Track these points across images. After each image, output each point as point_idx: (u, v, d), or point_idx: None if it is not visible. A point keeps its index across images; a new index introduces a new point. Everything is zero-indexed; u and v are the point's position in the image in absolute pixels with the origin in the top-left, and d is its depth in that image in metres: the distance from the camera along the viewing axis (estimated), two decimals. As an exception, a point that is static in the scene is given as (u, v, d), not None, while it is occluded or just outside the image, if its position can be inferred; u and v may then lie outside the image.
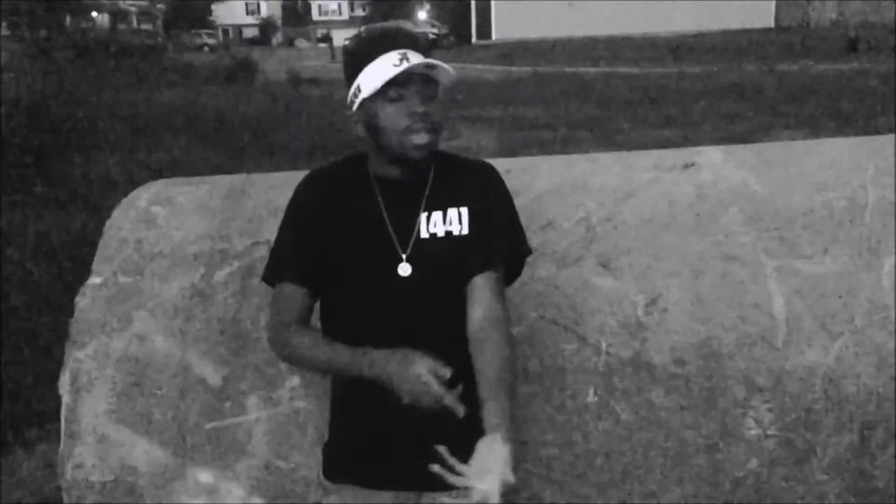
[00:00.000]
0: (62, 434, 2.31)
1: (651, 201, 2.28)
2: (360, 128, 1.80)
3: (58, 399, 2.34)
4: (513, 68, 24.68)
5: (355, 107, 1.79)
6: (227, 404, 2.25)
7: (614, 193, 2.32)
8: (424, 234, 1.78)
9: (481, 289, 1.77)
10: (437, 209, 1.80)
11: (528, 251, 1.89)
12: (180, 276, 2.36)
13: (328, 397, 1.94)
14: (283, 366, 2.24)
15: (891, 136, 2.49)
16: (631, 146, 9.83)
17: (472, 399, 1.67)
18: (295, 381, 2.23)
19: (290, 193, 2.49)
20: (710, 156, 2.41)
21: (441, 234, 1.78)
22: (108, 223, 2.53)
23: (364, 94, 1.75)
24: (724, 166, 2.35)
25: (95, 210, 6.55)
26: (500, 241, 1.83)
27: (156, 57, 22.78)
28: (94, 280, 2.41)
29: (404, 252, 1.77)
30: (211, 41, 45.74)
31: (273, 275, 1.87)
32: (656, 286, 2.15)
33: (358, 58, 1.76)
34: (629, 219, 2.25)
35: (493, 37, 40.00)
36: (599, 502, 2.13)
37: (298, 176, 2.63)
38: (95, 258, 2.45)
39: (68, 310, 2.42)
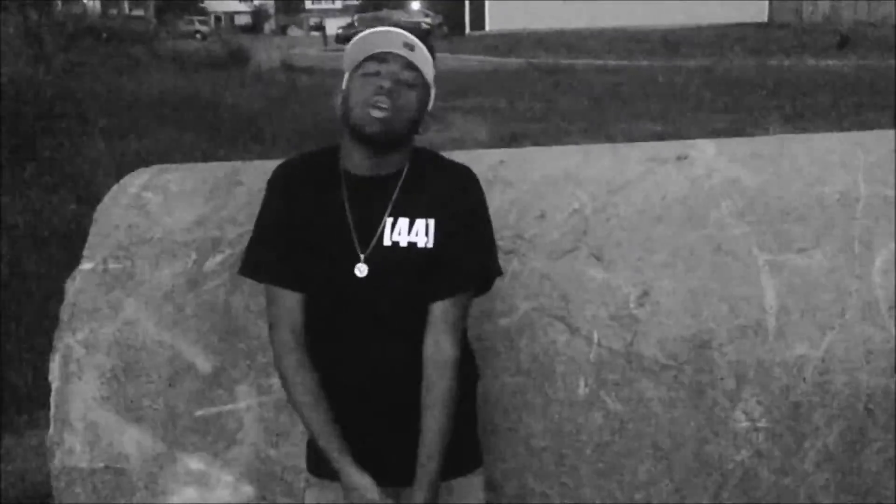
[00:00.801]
0: (51, 420, 2.31)
1: (644, 193, 2.28)
2: (340, 104, 1.77)
3: (48, 385, 2.34)
4: (506, 59, 24.64)
5: (344, 84, 1.77)
6: (218, 392, 2.24)
7: (607, 185, 2.32)
8: (387, 241, 1.73)
9: (437, 321, 1.73)
10: (403, 216, 1.74)
11: (498, 272, 1.84)
12: (171, 263, 2.35)
13: None
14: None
15: (882, 132, 2.50)
16: (624, 139, 9.84)
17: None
18: (286, 369, 2.22)
19: (282, 181, 2.49)
20: (704, 149, 2.42)
21: (404, 243, 1.73)
22: (98, 209, 2.52)
23: (346, 67, 1.75)
24: (717, 159, 2.35)
25: (86, 196, 6.53)
26: (467, 264, 1.77)
27: (147, 43, 22.66)
28: (85, 266, 2.40)
29: (363, 252, 1.73)
30: (203, 28, 45.53)
31: (254, 272, 1.83)
32: (648, 278, 2.15)
33: (361, 41, 1.74)
34: (622, 211, 2.25)
35: (487, 28, 39.95)
36: (589, 493, 2.13)
37: (291, 164, 2.63)
38: (86, 244, 2.44)
39: (58, 295, 2.41)
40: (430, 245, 1.73)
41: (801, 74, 17.72)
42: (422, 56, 1.72)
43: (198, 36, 37.98)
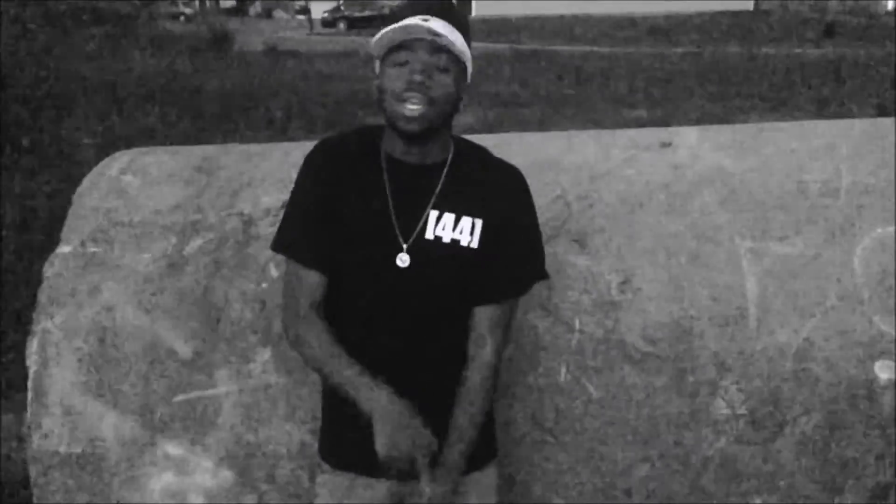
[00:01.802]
0: (29, 405, 2.29)
1: (627, 180, 2.28)
2: (375, 90, 1.71)
3: (25, 369, 2.32)
4: (492, 45, 24.60)
5: (377, 69, 1.72)
6: (198, 377, 2.23)
7: (590, 172, 2.31)
8: (429, 234, 1.70)
9: (482, 326, 1.73)
10: (449, 211, 1.71)
11: (544, 277, 1.84)
12: (151, 247, 2.33)
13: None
14: (254, 339, 2.22)
15: (865, 120, 2.51)
16: (608, 126, 9.85)
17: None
18: (266, 354, 2.21)
19: (264, 165, 2.47)
20: (687, 136, 2.41)
21: (447, 240, 1.71)
22: (78, 191, 2.49)
23: (376, 54, 1.69)
24: (700, 146, 2.35)
25: (66, 178, 6.47)
26: (516, 271, 1.76)
27: (131, 25, 22.44)
28: (63, 249, 2.37)
29: (405, 242, 1.70)
30: (187, 10, 45.09)
31: (286, 249, 1.78)
32: (630, 265, 2.15)
33: (388, 21, 1.68)
34: (604, 197, 2.25)
35: (474, 13, 39.81)
36: (569, 479, 2.14)
37: (273, 148, 2.61)
38: (64, 227, 2.41)
39: (37, 279, 2.38)
40: (475, 245, 1.71)
41: (786, 63, 17.77)
42: (453, 34, 1.65)
43: (182, 18, 37.65)
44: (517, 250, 1.75)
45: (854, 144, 2.28)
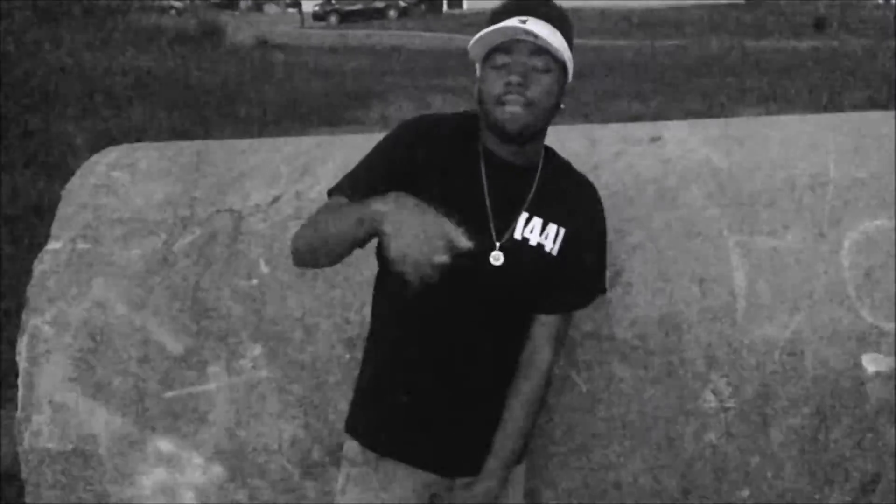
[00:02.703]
0: (19, 401, 2.28)
1: (616, 175, 2.28)
2: (476, 93, 1.69)
3: (16, 365, 2.31)
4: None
5: (478, 71, 1.70)
6: (189, 373, 2.23)
7: (581, 165, 2.30)
8: (518, 235, 1.69)
9: (543, 333, 1.74)
10: (538, 216, 1.71)
11: (602, 291, 1.85)
12: (141, 243, 2.33)
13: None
14: (244, 335, 2.22)
15: (852, 114, 2.52)
16: (599, 119, 9.85)
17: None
18: (257, 350, 2.22)
19: (254, 160, 2.47)
20: (676, 130, 2.42)
21: (533, 242, 1.70)
22: (67, 188, 2.49)
23: (475, 58, 1.67)
24: (690, 141, 2.35)
25: (55, 174, 6.44)
26: (585, 286, 1.78)
27: (120, 18, 22.33)
28: (53, 245, 2.37)
29: (499, 240, 1.69)
30: (178, 4, 44.89)
31: (336, 189, 1.68)
32: (620, 259, 2.16)
33: (490, 20, 1.65)
34: (594, 192, 2.25)
35: (465, 6, 39.72)
36: (559, 473, 2.15)
37: (263, 143, 2.61)
38: (54, 223, 2.41)
39: (27, 275, 2.38)
40: (555, 253, 1.72)
41: (778, 55, 17.79)
42: (552, 34, 1.62)
43: (172, 11, 37.48)
44: (587, 264, 1.77)
45: (842, 139, 2.29)
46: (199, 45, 18.64)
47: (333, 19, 35.54)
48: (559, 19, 1.66)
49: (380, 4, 37.14)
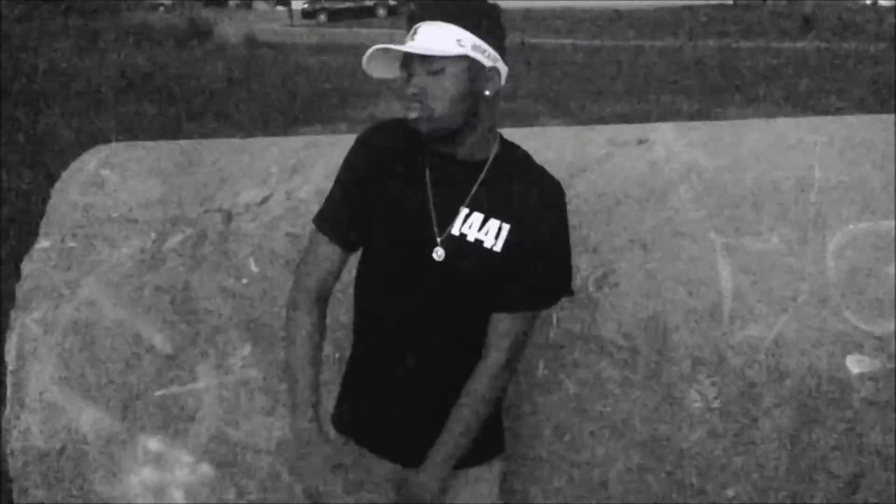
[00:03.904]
0: (7, 400, 2.28)
1: (604, 176, 2.30)
2: None
3: (3, 364, 2.31)
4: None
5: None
6: (177, 372, 2.23)
7: (568, 168, 2.33)
8: (455, 231, 1.70)
9: (499, 332, 1.74)
10: (479, 211, 1.71)
11: (569, 294, 1.82)
12: (130, 242, 2.33)
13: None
14: (233, 334, 2.23)
15: (837, 118, 2.54)
16: (589, 120, 9.87)
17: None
18: (246, 349, 2.22)
19: (243, 160, 2.48)
20: (663, 132, 2.44)
21: (471, 238, 1.70)
22: (56, 186, 2.49)
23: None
24: (677, 143, 2.37)
25: (43, 172, 6.42)
26: (543, 285, 1.75)
27: (109, 16, 22.25)
28: (42, 244, 2.37)
29: (439, 236, 1.70)
30: (166, 1, 44.76)
31: (318, 222, 1.80)
32: (607, 260, 2.17)
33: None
34: (582, 193, 2.27)
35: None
36: (546, 472, 2.16)
37: (252, 143, 2.62)
38: (43, 222, 2.41)
39: (15, 274, 2.38)
40: (498, 249, 1.70)
41: (765, 56, 17.88)
42: (441, 33, 1.63)
43: (161, 9, 37.34)
44: (540, 263, 1.73)
45: (826, 142, 2.32)
46: (188, 43, 18.59)
47: (322, 17, 35.46)
48: (458, 11, 1.65)
49: (369, 3, 37.07)
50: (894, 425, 2.07)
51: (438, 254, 1.70)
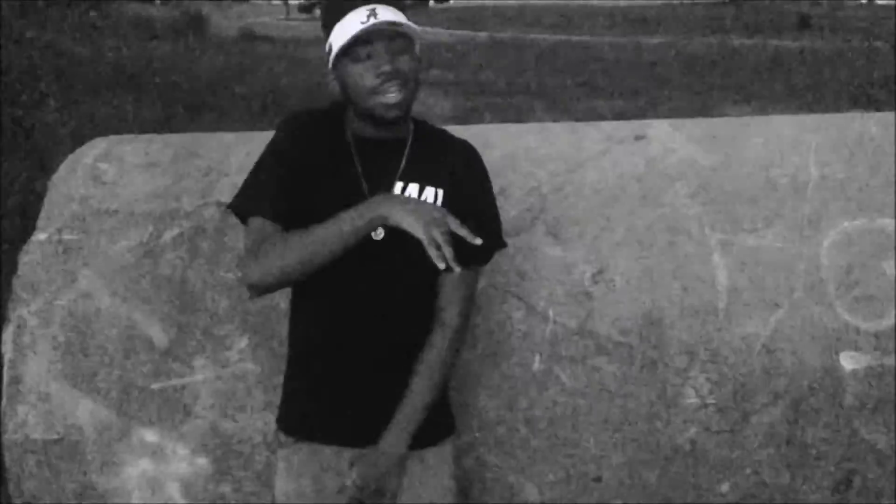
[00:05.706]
0: (4, 392, 2.29)
1: (601, 172, 2.31)
2: (335, 86, 1.76)
3: (0, 357, 2.31)
4: (469, 33, 24.55)
5: (330, 65, 1.74)
6: (174, 365, 2.24)
7: (565, 163, 2.34)
8: None
9: (447, 292, 1.76)
10: (413, 181, 1.76)
11: (502, 246, 1.86)
12: (128, 235, 2.33)
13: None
14: (230, 327, 2.23)
15: (833, 115, 2.55)
16: (585, 116, 9.88)
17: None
18: (243, 342, 2.23)
19: (240, 153, 2.48)
20: (660, 129, 2.45)
21: None
22: (53, 179, 2.49)
23: (334, 52, 1.71)
24: (673, 140, 2.38)
25: (40, 165, 6.41)
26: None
27: (104, 8, 22.19)
28: (39, 236, 2.37)
29: None
30: (162, -7, 44.59)
31: (245, 207, 1.77)
32: (603, 256, 2.18)
33: (331, 14, 1.71)
34: (579, 189, 2.28)
35: (452, 0, 39.65)
36: (542, 467, 2.17)
37: (249, 136, 2.62)
38: (40, 214, 2.41)
39: (12, 266, 2.38)
40: None
41: (761, 54, 17.89)
42: (398, 15, 1.68)
43: (157, 1, 37.22)
44: (477, 220, 1.76)
45: (822, 139, 2.33)
46: (183, 36, 18.55)
47: (319, 11, 35.44)
48: (397, 1, 1.72)
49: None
50: (888, 422, 2.09)
51: (377, 233, 1.71)
